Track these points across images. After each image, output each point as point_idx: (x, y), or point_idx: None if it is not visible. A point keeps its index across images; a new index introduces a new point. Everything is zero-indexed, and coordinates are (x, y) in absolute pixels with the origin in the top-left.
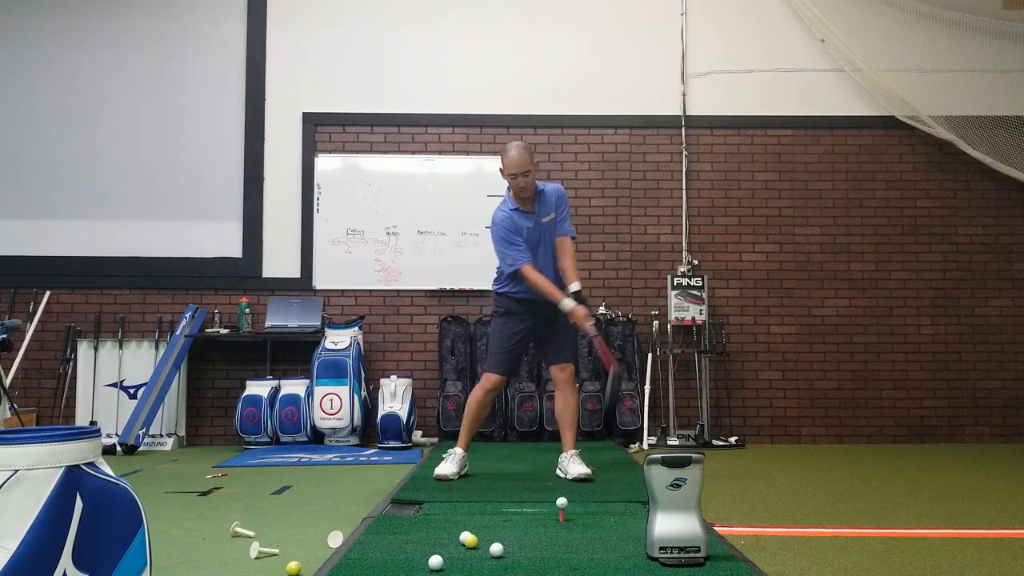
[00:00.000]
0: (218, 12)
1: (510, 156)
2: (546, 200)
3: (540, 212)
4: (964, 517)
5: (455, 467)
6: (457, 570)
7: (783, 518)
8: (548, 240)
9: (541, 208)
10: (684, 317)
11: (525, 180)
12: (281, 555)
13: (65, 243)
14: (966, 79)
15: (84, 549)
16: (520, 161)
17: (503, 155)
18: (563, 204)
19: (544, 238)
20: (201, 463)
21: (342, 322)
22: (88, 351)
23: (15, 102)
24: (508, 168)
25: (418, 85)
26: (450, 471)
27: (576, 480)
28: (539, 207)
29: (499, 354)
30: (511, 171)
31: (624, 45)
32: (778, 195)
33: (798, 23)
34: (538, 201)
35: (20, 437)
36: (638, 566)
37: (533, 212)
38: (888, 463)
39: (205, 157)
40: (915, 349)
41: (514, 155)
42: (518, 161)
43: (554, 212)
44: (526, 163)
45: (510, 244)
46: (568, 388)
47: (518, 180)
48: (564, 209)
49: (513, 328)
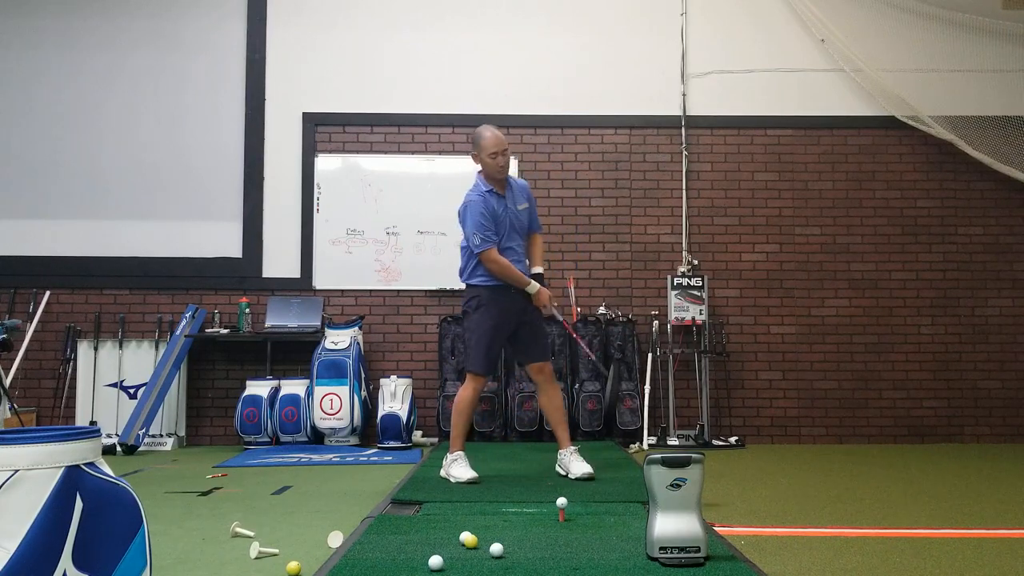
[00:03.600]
0: (218, 12)
1: (486, 137)
2: (516, 189)
3: (512, 198)
4: (964, 517)
5: (471, 469)
6: (457, 570)
7: (783, 518)
8: (520, 228)
9: (513, 195)
10: (684, 317)
11: (504, 159)
12: (281, 555)
13: (65, 243)
14: (966, 79)
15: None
16: (499, 140)
17: (478, 138)
18: (532, 197)
19: (515, 225)
20: (201, 463)
21: (342, 322)
22: (88, 351)
23: (15, 102)
24: (487, 148)
25: (418, 85)
26: (472, 473)
27: (579, 479)
28: (511, 193)
29: (480, 350)
30: (491, 150)
31: (624, 45)
32: (778, 195)
33: (798, 23)
34: (509, 187)
35: (20, 437)
36: (638, 566)
37: (505, 197)
38: (888, 463)
39: (205, 157)
40: (915, 349)
41: (490, 135)
42: (497, 140)
43: (527, 202)
44: (503, 141)
45: (482, 226)
46: (550, 385)
47: (498, 159)
48: (534, 203)
49: (491, 320)
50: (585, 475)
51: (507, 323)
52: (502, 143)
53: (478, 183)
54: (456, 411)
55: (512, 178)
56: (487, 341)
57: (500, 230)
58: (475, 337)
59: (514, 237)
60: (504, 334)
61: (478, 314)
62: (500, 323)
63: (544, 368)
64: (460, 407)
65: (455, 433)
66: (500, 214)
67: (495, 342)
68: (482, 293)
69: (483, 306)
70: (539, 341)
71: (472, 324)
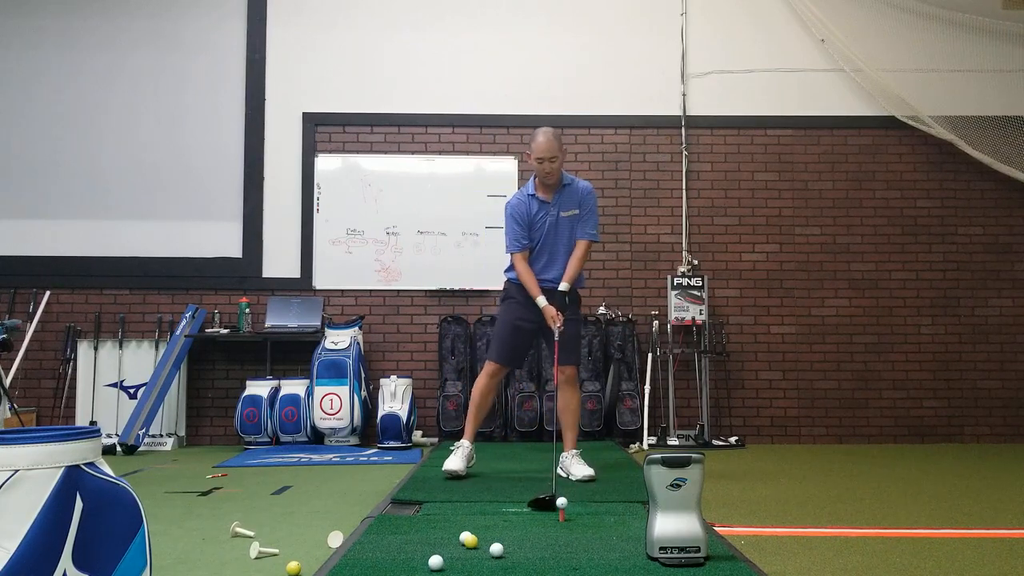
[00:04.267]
0: (218, 12)
1: (537, 141)
2: (570, 194)
3: (559, 204)
4: (964, 517)
5: (463, 461)
6: (457, 570)
7: (783, 518)
8: (563, 234)
9: (562, 200)
10: (684, 317)
11: (551, 166)
12: (281, 555)
13: (65, 243)
14: (966, 79)
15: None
16: (547, 146)
17: (532, 139)
18: (588, 202)
19: (559, 231)
20: (201, 463)
21: (342, 322)
22: (88, 351)
23: (15, 102)
24: (534, 152)
25: (418, 85)
26: (459, 466)
27: (580, 481)
28: (560, 198)
29: (498, 340)
30: (537, 155)
31: (624, 45)
32: (778, 195)
33: (798, 23)
34: (560, 192)
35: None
36: (638, 566)
37: (550, 202)
38: (888, 463)
39: (205, 157)
40: (915, 349)
41: (541, 140)
42: (545, 146)
43: (577, 209)
44: (553, 148)
45: (513, 229)
46: (569, 388)
47: (544, 165)
48: (588, 208)
49: (513, 314)
50: (586, 477)
51: (528, 321)
52: (550, 150)
53: (529, 183)
54: (470, 399)
55: (575, 181)
56: (504, 333)
57: (535, 235)
58: (497, 326)
59: (555, 243)
60: (525, 331)
61: (503, 306)
62: (520, 319)
63: (565, 371)
64: (473, 395)
65: (467, 422)
66: (538, 219)
67: (512, 336)
68: (510, 288)
69: (508, 299)
70: (565, 345)
71: (498, 315)
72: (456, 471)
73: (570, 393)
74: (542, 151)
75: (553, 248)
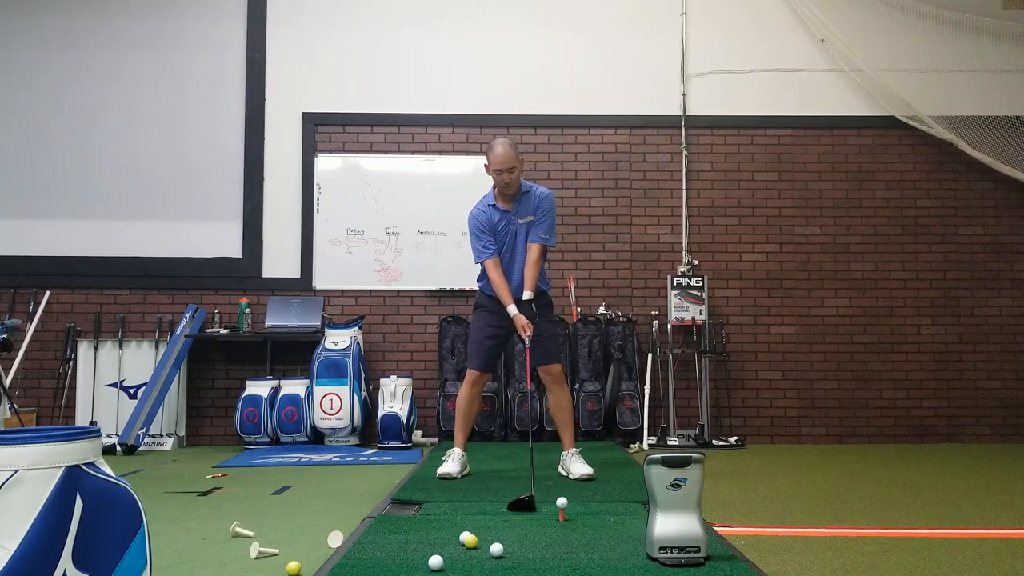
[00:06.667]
0: (218, 12)
1: (495, 152)
2: (527, 201)
3: (518, 212)
4: (964, 517)
5: (458, 466)
6: (457, 570)
7: (783, 518)
8: (522, 242)
9: (520, 208)
10: (684, 317)
11: (510, 176)
12: (281, 555)
13: (65, 243)
14: (966, 79)
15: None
16: (505, 157)
17: (489, 151)
18: (544, 207)
19: (518, 239)
20: (201, 463)
21: (342, 322)
22: (88, 351)
23: (15, 102)
24: (493, 164)
25: (418, 85)
26: (454, 469)
27: (580, 480)
28: (518, 207)
29: (473, 348)
30: (495, 167)
31: (624, 45)
32: (778, 195)
33: (798, 23)
34: (519, 201)
35: (20, 437)
36: (638, 566)
37: (510, 211)
38: (888, 463)
39: (205, 157)
40: (915, 349)
41: (500, 151)
42: (503, 157)
43: (532, 215)
44: (511, 159)
45: (477, 238)
46: (557, 387)
47: (503, 176)
48: (544, 213)
49: (484, 322)
50: (585, 475)
51: (499, 326)
52: (508, 161)
53: (488, 194)
54: (456, 408)
55: (533, 188)
56: (478, 340)
57: (499, 244)
58: (471, 335)
59: (515, 252)
60: (498, 336)
61: (475, 315)
62: (492, 325)
63: (550, 370)
64: (459, 404)
65: (456, 431)
66: (500, 228)
67: (486, 342)
68: (480, 296)
69: (478, 308)
70: (545, 345)
71: (471, 324)
72: (450, 473)
73: (559, 392)
74: (500, 162)
75: (514, 256)
